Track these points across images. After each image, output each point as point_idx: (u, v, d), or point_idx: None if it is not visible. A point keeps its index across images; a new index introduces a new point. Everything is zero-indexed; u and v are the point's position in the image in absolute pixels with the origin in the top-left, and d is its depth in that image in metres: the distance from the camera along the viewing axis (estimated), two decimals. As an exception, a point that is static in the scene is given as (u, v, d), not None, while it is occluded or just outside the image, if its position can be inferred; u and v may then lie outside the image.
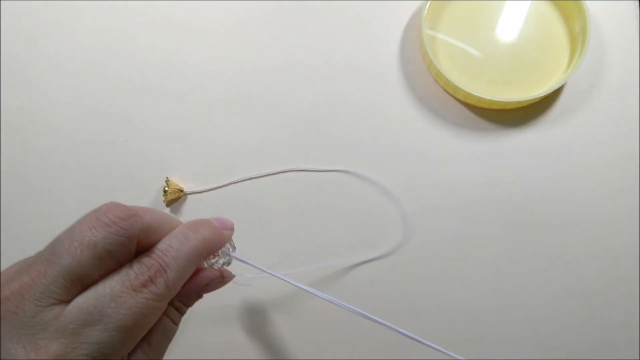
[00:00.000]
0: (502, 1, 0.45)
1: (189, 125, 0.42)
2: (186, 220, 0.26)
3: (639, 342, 0.38)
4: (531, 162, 0.42)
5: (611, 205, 0.41)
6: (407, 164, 0.42)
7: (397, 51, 0.44)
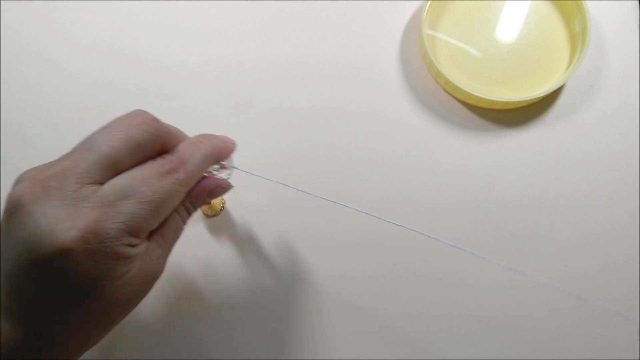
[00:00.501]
0: (502, 1, 0.45)
1: (189, 126, 0.42)
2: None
3: (639, 342, 0.38)
4: (531, 162, 0.42)
5: (611, 205, 0.41)
6: (407, 164, 0.42)
7: (397, 51, 0.44)
